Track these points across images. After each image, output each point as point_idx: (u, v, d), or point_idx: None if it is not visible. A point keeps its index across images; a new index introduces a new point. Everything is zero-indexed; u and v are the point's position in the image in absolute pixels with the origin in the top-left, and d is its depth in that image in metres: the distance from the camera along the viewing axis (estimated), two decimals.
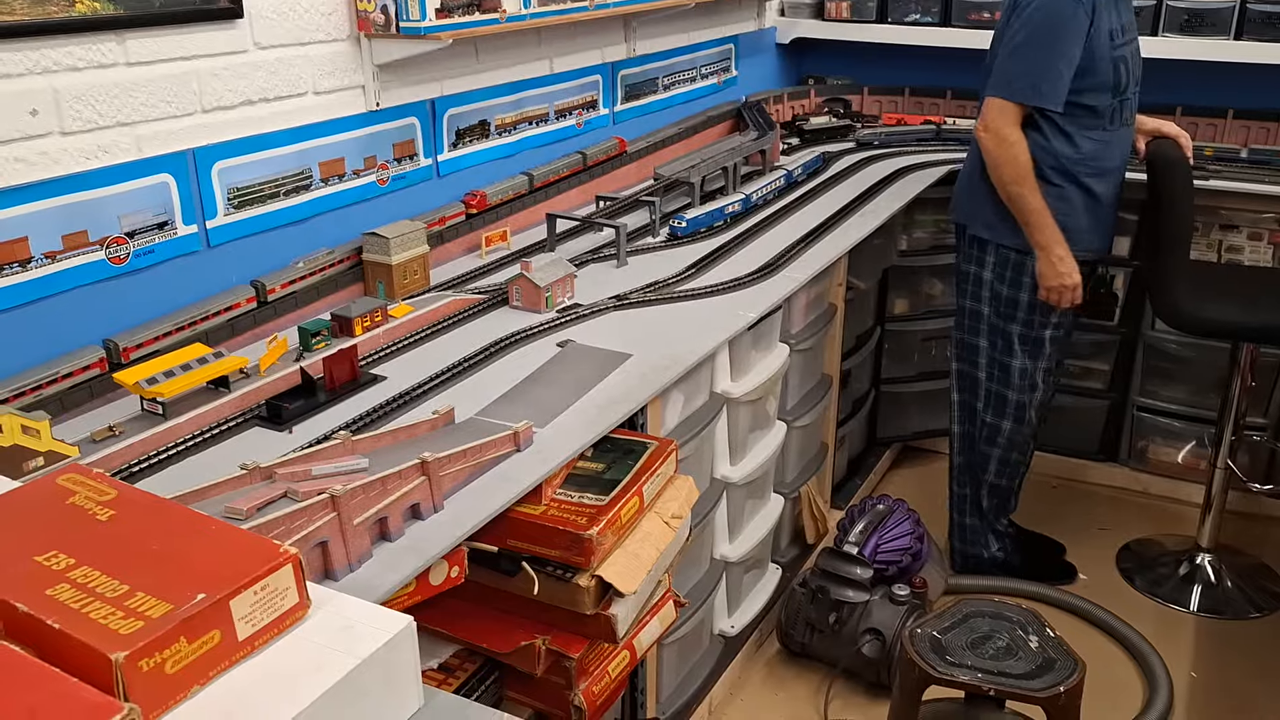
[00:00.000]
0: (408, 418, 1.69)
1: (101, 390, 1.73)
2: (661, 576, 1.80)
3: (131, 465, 1.52)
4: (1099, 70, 2.49)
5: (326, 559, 1.27)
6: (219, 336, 1.92)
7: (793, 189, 3.13)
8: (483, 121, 2.59)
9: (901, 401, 3.55)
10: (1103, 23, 2.47)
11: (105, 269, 1.80)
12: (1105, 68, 2.49)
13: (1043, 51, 2.47)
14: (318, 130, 2.14)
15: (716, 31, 3.51)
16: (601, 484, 1.66)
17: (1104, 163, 2.60)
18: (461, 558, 1.45)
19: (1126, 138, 2.67)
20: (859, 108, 3.96)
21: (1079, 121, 2.55)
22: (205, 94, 1.91)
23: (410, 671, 0.95)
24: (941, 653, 2.02)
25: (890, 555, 2.69)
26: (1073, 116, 2.54)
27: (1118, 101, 2.55)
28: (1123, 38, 2.52)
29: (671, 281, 2.35)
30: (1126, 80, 2.55)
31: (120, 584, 0.88)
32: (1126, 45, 2.54)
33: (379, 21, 2.15)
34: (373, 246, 2.20)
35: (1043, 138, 2.57)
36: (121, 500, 1.02)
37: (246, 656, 0.88)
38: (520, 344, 2.01)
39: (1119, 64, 2.51)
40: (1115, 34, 2.49)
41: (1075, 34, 2.45)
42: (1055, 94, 2.49)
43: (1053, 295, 2.62)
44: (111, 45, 1.75)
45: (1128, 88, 2.56)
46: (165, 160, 1.87)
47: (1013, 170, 2.53)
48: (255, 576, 0.89)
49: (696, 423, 2.14)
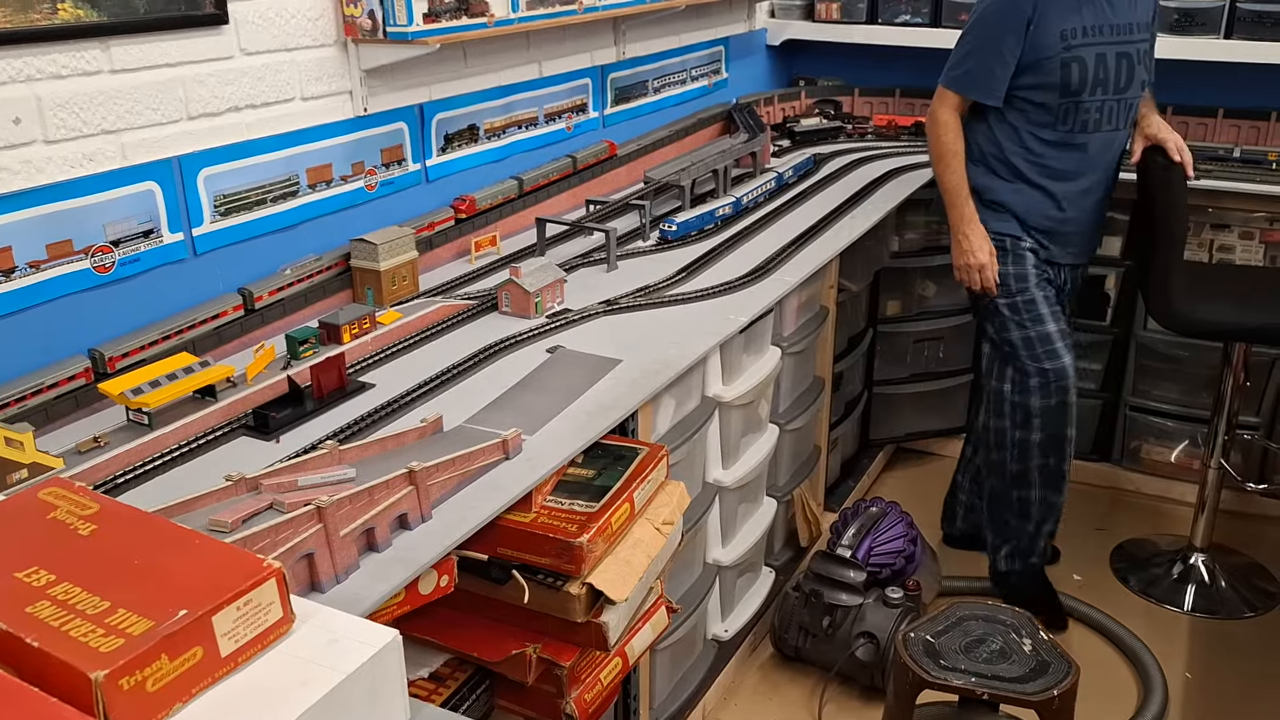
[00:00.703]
0: (396, 426, 1.68)
1: (87, 401, 1.72)
2: (653, 583, 1.79)
3: (117, 477, 1.51)
4: (1044, 69, 2.49)
5: (313, 571, 1.26)
6: (206, 345, 1.91)
7: (784, 191, 3.12)
8: (471, 126, 2.58)
9: (894, 403, 3.55)
10: (1051, 20, 2.45)
11: (90, 278, 1.79)
12: (1051, 67, 2.48)
13: (978, 43, 2.55)
14: (305, 136, 2.13)
15: (707, 34, 3.51)
16: (592, 491, 1.65)
17: (1061, 165, 2.59)
18: (451, 567, 1.44)
19: (1101, 145, 2.61)
20: (850, 109, 3.96)
21: (1029, 118, 2.57)
22: (191, 101, 1.90)
23: (397, 685, 0.95)
24: (935, 657, 2.01)
25: (883, 558, 2.69)
26: (1021, 112, 2.57)
27: (1071, 103, 2.51)
28: (1082, 38, 2.47)
29: (662, 285, 2.34)
30: (1083, 82, 2.49)
31: (101, 600, 0.87)
32: (1088, 46, 2.48)
33: (366, 27, 2.13)
34: (361, 253, 2.19)
35: (987, 128, 2.64)
36: (104, 514, 1.01)
37: (230, 673, 0.87)
38: (510, 350, 2.00)
39: (1071, 65, 2.47)
40: (1071, 34, 2.46)
41: (1012, 29, 2.47)
42: (986, 87, 2.55)
43: (960, 274, 2.69)
44: (95, 52, 1.73)
45: (1084, 90, 2.50)
46: (151, 168, 1.86)
47: (935, 148, 2.66)
48: (238, 591, 0.88)
49: (688, 427, 2.14)
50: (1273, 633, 2.84)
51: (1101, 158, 2.62)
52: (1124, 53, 2.52)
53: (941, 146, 2.63)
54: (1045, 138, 2.58)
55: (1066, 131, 2.56)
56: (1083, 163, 2.60)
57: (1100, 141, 2.60)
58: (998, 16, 2.51)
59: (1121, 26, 2.51)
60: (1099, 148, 2.60)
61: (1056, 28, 2.45)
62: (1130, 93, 2.57)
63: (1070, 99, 2.51)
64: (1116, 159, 2.69)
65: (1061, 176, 2.61)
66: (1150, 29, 2.59)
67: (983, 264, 2.64)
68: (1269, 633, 2.85)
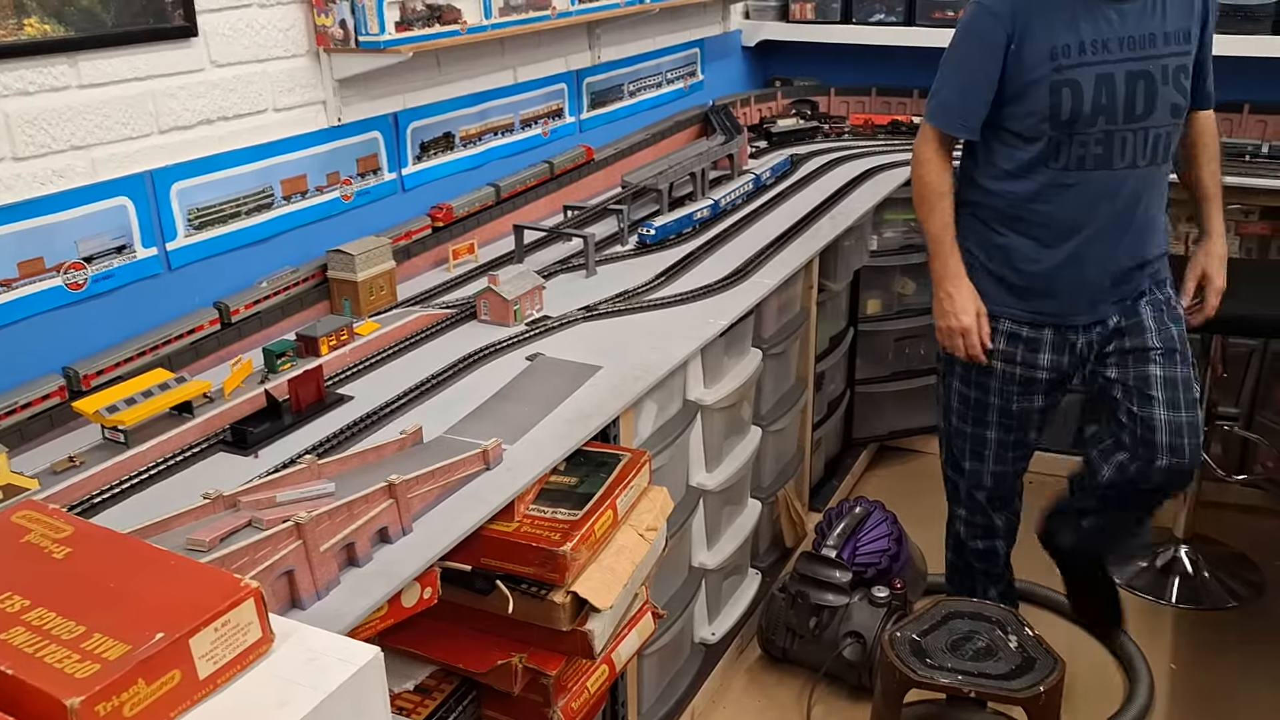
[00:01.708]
0: (375, 438, 1.67)
1: (61, 420, 1.70)
2: (638, 589, 1.79)
3: (93, 496, 1.49)
4: (1030, 96, 2.06)
5: (293, 588, 1.25)
6: (182, 361, 1.89)
7: (762, 192, 3.12)
8: (447, 134, 2.57)
9: (877, 401, 3.55)
10: (1036, 37, 2.03)
11: (63, 295, 1.77)
12: (1038, 93, 2.04)
13: (949, 68, 2.17)
14: (279, 148, 2.12)
15: (681, 36, 3.51)
16: (575, 498, 1.65)
17: (1050, 212, 2.12)
18: (434, 579, 1.43)
19: (1110, 186, 2.10)
20: (826, 108, 3.96)
21: (1012, 155, 2.14)
22: (162, 114, 1.89)
23: (379, 703, 0.94)
24: (921, 655, 2.02)
25: (869, 557, 2.69)
26: (1006, 146, 2.15)
27: (1064, 136, 2.06)
28: (1078, 57, 2.02)
29: (641, 290, 2.34)
30: (1077, 111, 2.03)
31: (76, 625, 0.86)
32: (1085, 66, 2.02)
33: (338, 36, 2.12)
34: (338, 264, 2.18)
35: (973, 165, 2.25)
36: (78, 537, 1.00)
37: (208, 695, 0.87)
38: (489, 359, 2.00)
39: (1061, 89, 2.02)
40: (1063, 51, 2.02)
41: (986, 50, 2.07)
42: (958, 118, 2.16)
43: (940, 337, 2.28)
44: (63, 68, 1.72)
45: (1079, 120, 2.04)
46: (122, 183, 1.84)
47: (915, 189, 2.26)
48: (216, 613, 0.88)
49: (670, 432, 2.13)
50: (1256, 622, 2.86)
51: (1112, 202, 2.11)
52: (1140, 71, 2.04)
53: (921, 186, 2.23)
54: (1033, 179, 2.13)
55: (1059, 170, 2.09)
56: (1084, 209, 2.11)
57: (1108, 182, 2.10)
58: (969, 36, 2.12)
59: (1136, 39, 2.04)
60: (1105, 189, 2.10)
61: (1044, 46, 2.03)
62: (1154, 120, 2.06)
63: (1062, 131, 2.06)
64: (1147, 201, 2.15)
65: (1059, 228, 2.14)
66: (1189, 39, 2.08)
67: (966, 327, 2.21)
68: (1253, 622, 2.86)
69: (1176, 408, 2.16)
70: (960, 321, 2.22)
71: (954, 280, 2.22)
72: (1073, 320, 2.21)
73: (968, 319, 2.21)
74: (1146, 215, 2.16)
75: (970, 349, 2.23)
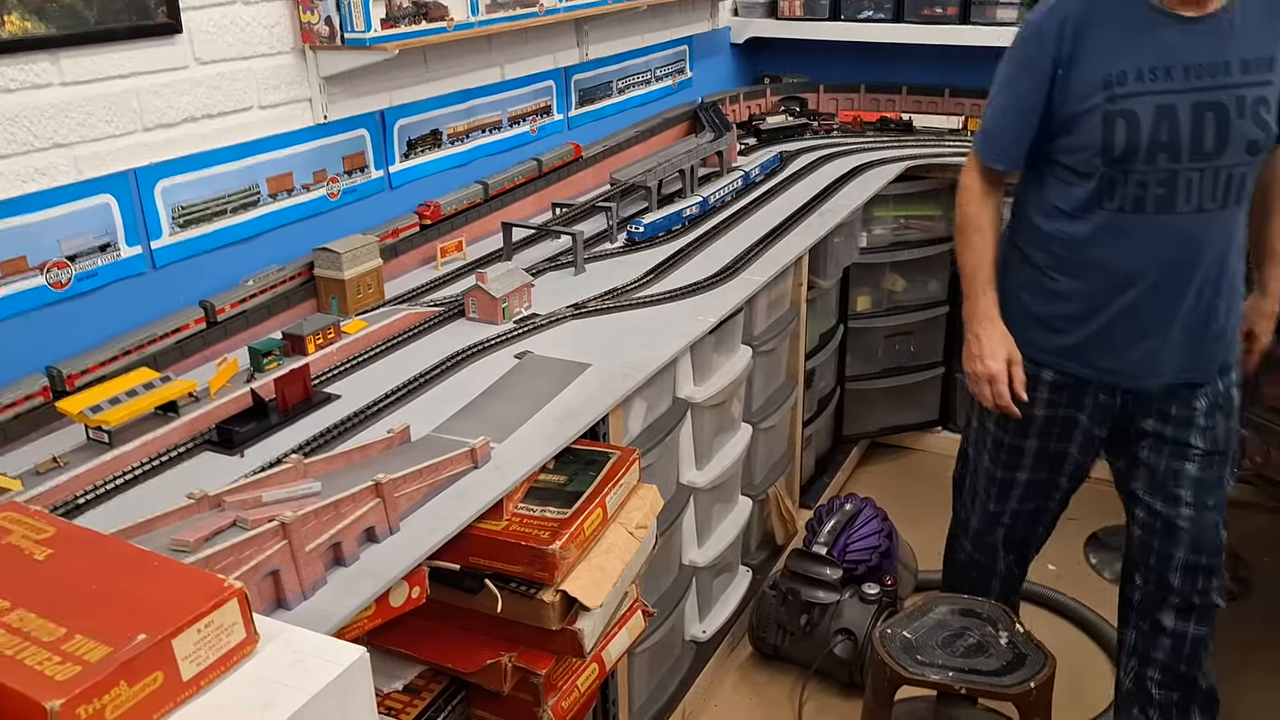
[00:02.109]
0: (362, 437, 1.65)
1: (45, 420, 1.69)
2: (628, 587, 1.78)
3: (77, 497, 1.48)
4: (1080, 126, 1.85)
5: (279, 588, 1.24)
6: (167, 360, 1.88)
7: (751, 189, 3.12)
8: (434, 131, 2.56)
9: (867, 398, 3.55)
10: (1089, 61, 1.82)
11: (47, 294, 1.75)
12: (1088, 123, 1.84)
13: (996, 92, 1.99)
14: (264, 145, 2.11)
15: (670, 33, 3.50)
16: (564, 497, 1.64)
17: (1104, 257, 1.91)
18: (422, 578, 1.42)
19: (1174, 233, 1.87)
20: (815, 105, 3.96)
21: (1066, 192, 1.94)
22: (146, 112, 1.87)
23: (365, 704, 0.93)
24: (912, 652, 2.01)
25: (859, 554, 2.69)
26: (1059, 181, 1.95)
27: (1118, 173, 1.84)
28: (1135, 84, 1.80)
29: (630, 288, 2.33)
30: (1133, 146, 1.81)
31: (58, 627, 0.85)
32: (1144, 96, 1.80)
33: (323, 33, 2.11)
34: (324, 262, 2.16)
35: (1026, 200, 2.07)
36: (60, 538, 0.99)
37: (192, 697, 0.86)
38: (477, 357, 1.99)
39: (1115, 120, 1.81)
40: (1118, 78, 1.80)
41: (1032, 73, 1.88)
42: (999, 148, 1.99)
43: (969, 384, 2.11)
44: (45, 65, 1.70)
45: (1135, 156, 1.81)
46: (106, 181, 1.83)
47: (956, 220, 2.10)
48: (199, 613, 0.87)
49: (660, 429, 2.12)
50: (1246, 618, 2.86)
51: (1177, 250, 1.88)
52: (1210, 103, 1.79)
53: (959, 218, 2.07)
54: (1087, 219, 1.92)
55: (1114, 211, 1.88)
56: (1143, 256, 1.89)
57: (1171, 227, 1.86)
58: (1014, 57, 1.94)
59: (1206, 67, 1.79)
60: (1168, 235, 1.87)
61: (1098, 71, 1.82)
62: (1226, 158, 1.81)
63: (1116, 168, 1.84)
64: (1218, 249, 1.89)
65: (1112, 274, 1.93)
66: (1273, 66, 1.82)
67: (993, 374, 2.02)
68: (1242, 618, 2.87)
69: (1204, 508, 2.03)
70: (987, 367, 2.02)
71: (984, 322, 2.04)
72: (1124, 382, 2.01)
73: (995, 364, 2.02)
74: (1218, 267, 1.90)
75: (999, 398, 2.03)
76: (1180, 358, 1.96)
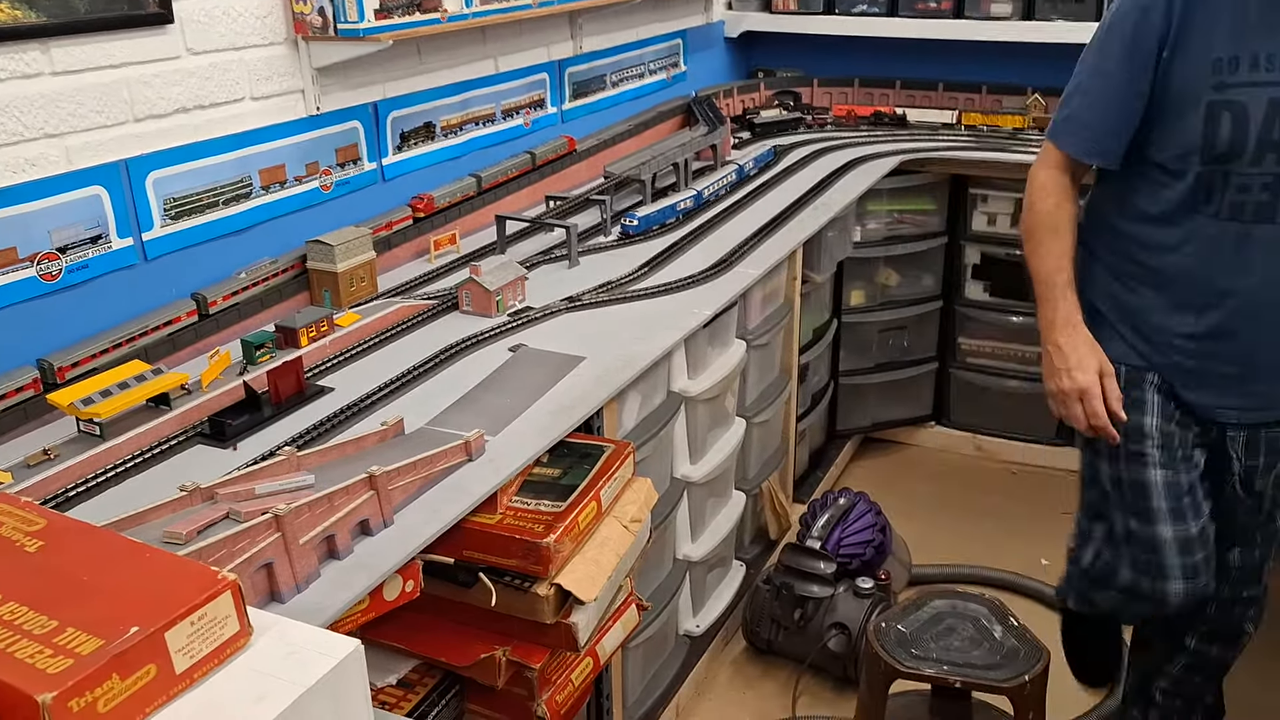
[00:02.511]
0: (356, 430, 1.65)
1: (36, 412, 1.68)
2: (622, 581, 1.77)
3: (68, 490, 1.47)
4: (1179, 118, 1.63)
5: (272, 581, 1.23)
6: (159, 352, 1.87)
7: (745, 183, 3.11)
8: (428, 123, 2.54)
9: (861, 393, 3.55)
10: (1195, 43, 1.59)
11: (37, 286, 1.74)
12: (1190, 116, 1.61)
13: (1086, 73, 1.74)
14: (256, 137, 2.09)
15: (664, 26, 3.49)
16: (558, 490, 1.63)
17: (1193, 268, 1.70)
18: (416, 571, 1.41)
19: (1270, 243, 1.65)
20: (809, 100, 3.95)
21: (1156, 194, 1.72)
22: (137, 102, 1.86)
23: (360, 696, 0.92)
24: (907, 646, 2.01)
25: (853, 548, 2.69)
26: (1148, 182, 1.73)
27: (1217, 173, 1.62)
28: (1249, 73, 1.57)
29: (624, 281, 2.33)
30: (1239, 144, 1.59)
31: (49, 619, 0.84)
32: (1257, 87, 1.57)
33: (316, 24, 2.10)
34: (317, 254, 2.15)
35: (1104, 200, 1.85)
36: (51, 530, 0.98)
37: (185, 690, 0.85)
38: (471, 350, 1.98)
39: (1220, 114, 1.58)
40: (1230, 65, 1.58)
41: (1137, 54, 1.64)
42: (1091, 139, 1.74)
43: (1051, 401, 1.84)
44: (35, 54, 1.69)
45: (1241, 155, 1.59)
46: (97, 172, 1.81)
47: (1025, 219, 1.85)
48: (192, 606, 0.86)
49: (654, 423, 2.12)
50: None
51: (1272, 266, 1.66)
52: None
53: (1033, 217, 1.81)
54: (1177, 223, 1.70)
55: (1210, 217, 1.66)
56: (1240, 267, 1.66)
57: (1262, 242, 1.65)
58: (1114, 34, 1.67)
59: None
60: (1271, 247, 1.65)
61: (1204, 55, 1.59)
62: None
63: (1216, 167, 1.62)
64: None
65: (1201, 288, 1.71)
66: None
67: (1083, 388, 1.75)
68: None
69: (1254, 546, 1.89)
70: (1075, 381, 1.74)
71: (1066, 329, 1.76)
72: (1220, 416, 1.78)
73: (1085, 377, 1.74)
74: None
75: (1093, 417, 1.75)
76: (1266, 391, 1.76)
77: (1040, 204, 1.80)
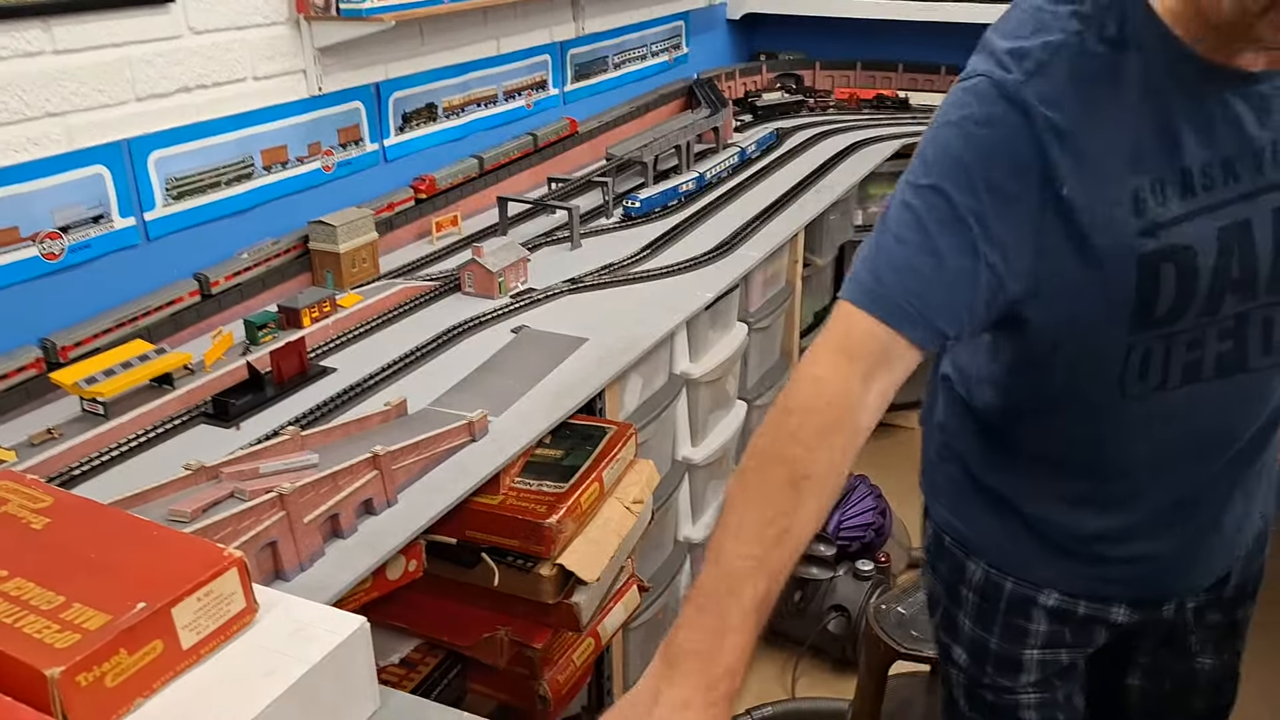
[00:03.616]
0: (359, 410, 1.65)
1: (39, 391, 1.68)
2: (624, 562, 1.78)
3: (72, 469, 1.47)
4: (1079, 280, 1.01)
5: (276, 559, 1.24)
6: (161, 332, 1.87)
7: (747, 166, 3.11)
8: (430, 104, 2.54)
9: None
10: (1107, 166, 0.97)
11: (39, 265, 1.74)
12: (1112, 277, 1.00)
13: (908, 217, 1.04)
14: (258, 117, 2.09)
15: (667, 8, 3.47)
16: (560, 471, 1.64)
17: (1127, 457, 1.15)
18: (419, 551, 1.42)
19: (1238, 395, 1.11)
20: (811, 82, 3.94)
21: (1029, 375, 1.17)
22: (139, 81, 1.85)
23: (365, 673, 0.93)
24: (906, 628, 2.02)
25: (853, 531, 2.69)
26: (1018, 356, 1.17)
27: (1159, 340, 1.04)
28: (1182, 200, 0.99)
29: (627, 263, 2.32)
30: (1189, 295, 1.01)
31: (56, 595, 0.85)
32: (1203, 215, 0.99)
33: (319, 3, 2.09)
34: (319, 235, 2.15)
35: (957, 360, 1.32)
36: (57, 507, 0.98)
37: (192, 665, 0.85)
38: (474, 331, 1.98)
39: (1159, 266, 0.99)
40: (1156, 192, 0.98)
41: (997, 189, 0.97)
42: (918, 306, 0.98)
43: None
44: (37, 32, 1.68)
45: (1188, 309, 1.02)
46: (99, 151, 1.81)
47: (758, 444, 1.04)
48: (198, 582, 0.86)
49: (656, 405, 2.12)
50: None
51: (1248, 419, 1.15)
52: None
53: (769, 445, 0.99)
54: (1096, 414, 1.13)
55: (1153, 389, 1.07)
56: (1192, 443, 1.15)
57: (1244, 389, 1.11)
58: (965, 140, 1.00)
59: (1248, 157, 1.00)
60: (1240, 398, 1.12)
61: (1125, 184, 0.98)
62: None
63: (1154, 333, 1.04)
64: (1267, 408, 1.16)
65: (1138, 474, 1.17)
66: None
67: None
68: None
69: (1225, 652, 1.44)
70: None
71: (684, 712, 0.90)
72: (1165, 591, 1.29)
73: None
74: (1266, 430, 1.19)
75: None
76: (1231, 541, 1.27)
77: (799, 425, 0.97)
